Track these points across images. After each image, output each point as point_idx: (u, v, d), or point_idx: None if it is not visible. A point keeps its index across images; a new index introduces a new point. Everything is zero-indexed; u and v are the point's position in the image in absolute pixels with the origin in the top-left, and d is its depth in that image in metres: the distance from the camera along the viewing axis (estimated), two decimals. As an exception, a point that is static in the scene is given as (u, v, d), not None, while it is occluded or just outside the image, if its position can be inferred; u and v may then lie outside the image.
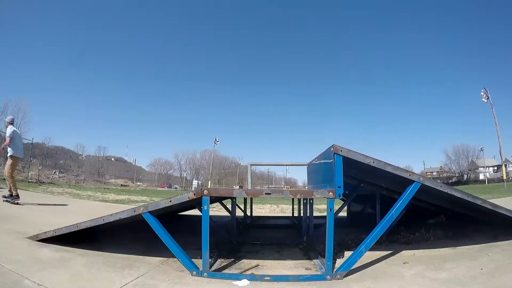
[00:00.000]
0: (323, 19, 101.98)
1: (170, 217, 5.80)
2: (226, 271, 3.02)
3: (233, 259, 3.44)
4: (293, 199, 7.37)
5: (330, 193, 2.87)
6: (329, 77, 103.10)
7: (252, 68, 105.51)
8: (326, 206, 2.91)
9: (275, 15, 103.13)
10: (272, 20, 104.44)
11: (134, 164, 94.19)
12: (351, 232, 4.62)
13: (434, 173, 71.98)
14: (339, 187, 2.86)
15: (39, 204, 7.35)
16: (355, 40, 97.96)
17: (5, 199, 6.69)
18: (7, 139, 6.85)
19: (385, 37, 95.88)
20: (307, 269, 3.15)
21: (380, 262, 3.23)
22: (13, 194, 6.70)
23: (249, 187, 8.92)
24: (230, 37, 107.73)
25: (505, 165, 37.86)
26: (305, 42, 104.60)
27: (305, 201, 5.05)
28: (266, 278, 2.73)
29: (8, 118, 7.23)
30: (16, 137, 7.01)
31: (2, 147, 7.23)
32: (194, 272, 2.84)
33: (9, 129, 6.92)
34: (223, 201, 5.95)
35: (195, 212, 5.02)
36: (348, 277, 2.78)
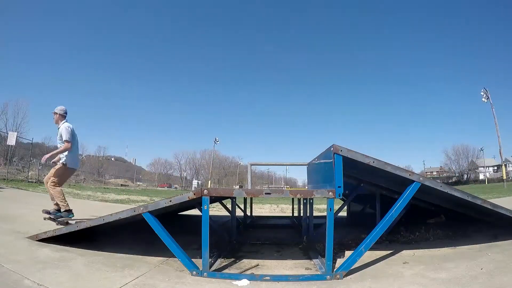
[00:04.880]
0: (323, 18, 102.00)
1: (170, 217, 5.80)
2: (226, 271, 3.02)
3: (233, 259, 3.43)
4: (293, 199, 7.38)
5: (330, 193, 2.86)
6: (329, 77, 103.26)
7: (252, 68, 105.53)
8: (326, 206, 2.91)
9: (276, 15, 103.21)
10: (273, 20, 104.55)
11: (134, 164, 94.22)
12: (351, 232, 4.62)
13: (434, 173, 72.00)
14: (339, 187, 2.86)
15: (39, 204, 7.35)
16: (356, 40, 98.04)
17: (49, 215, 4.70)
18: (66, 144, 4.60)
19: (385, 37, 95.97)
20: (307, 269, 3.15)
21: (380, 262, 3.23)
22: (64, 210, 4.68)
23: (249, 187, 8.88)
24: (230, 36, 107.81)
25: (505, 165, 37.86)
26: (305, 42, 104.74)
27: (305, 201, 5.04)
28: (266, 278, 2.73)
29: (60, 109, 4.81)
30: (74, 140, 4.81)
31: (52, 157, 4.71)
32: (194, 272, 2.84)
33: (66, 128, 4.65)
34: (223, 201, 5.95)
35: (195, 212, 5.02)
36: (348, 276, 2.78)
